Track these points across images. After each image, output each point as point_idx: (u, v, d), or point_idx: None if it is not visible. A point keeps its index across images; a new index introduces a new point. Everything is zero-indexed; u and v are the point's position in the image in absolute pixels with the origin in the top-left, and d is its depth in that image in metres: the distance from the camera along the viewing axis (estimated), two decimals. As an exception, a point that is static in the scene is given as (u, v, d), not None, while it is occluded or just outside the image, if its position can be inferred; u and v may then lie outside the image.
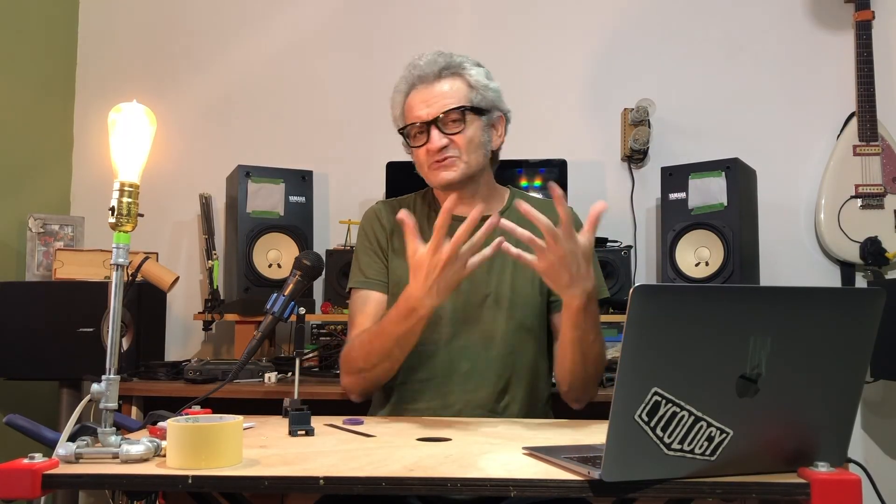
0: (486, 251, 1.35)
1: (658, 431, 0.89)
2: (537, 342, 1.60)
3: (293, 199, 2.54)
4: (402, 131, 1.59)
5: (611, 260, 2.38)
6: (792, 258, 2.64)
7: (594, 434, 1.25)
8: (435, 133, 1.53)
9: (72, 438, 1.03)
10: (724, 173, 2.36)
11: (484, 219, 1.59)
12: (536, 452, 1.05)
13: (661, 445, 0.89)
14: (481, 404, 1.52)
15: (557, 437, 1.23)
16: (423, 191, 1.72)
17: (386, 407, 1.60)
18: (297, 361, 1.40)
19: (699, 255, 2.39)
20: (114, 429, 1.05)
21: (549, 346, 1.64)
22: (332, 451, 1.10)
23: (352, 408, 1.56)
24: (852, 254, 2.52)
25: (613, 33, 2.78)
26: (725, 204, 2.35)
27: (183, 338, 2.76)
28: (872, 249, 2.45)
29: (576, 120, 2.76)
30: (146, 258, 2.20)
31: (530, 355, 1.58)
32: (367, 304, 1.61)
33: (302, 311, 1.42)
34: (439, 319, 1.55)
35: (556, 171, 2.53)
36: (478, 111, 1.56)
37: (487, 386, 1.54)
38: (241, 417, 1.03)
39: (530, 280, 1.58)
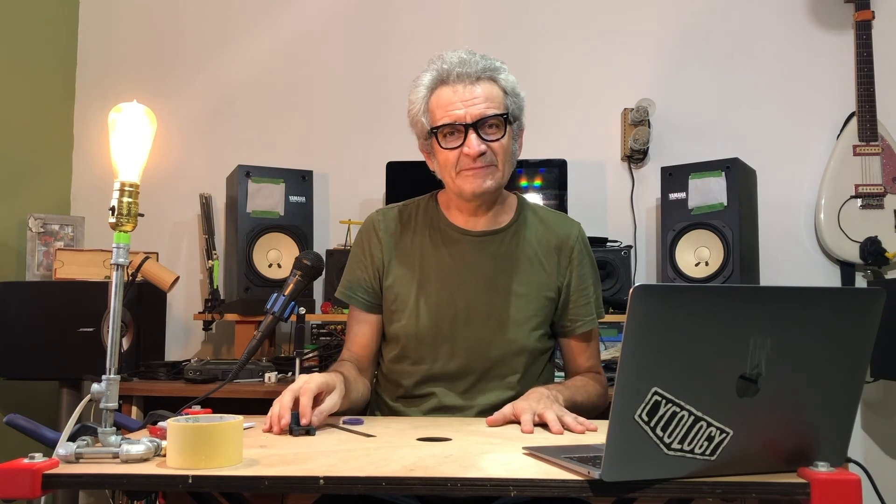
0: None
1: (658, 431, 0.89)
2: (535, 361, 1.57)
3: (293, 199, 2.54)
4: (433, 131, 1.49)
5: (611, 260, 2.39)
6: (792, 258, 2.64)
7: (594, 434, 1.25)
8: (473, 137, 1.45)
9: (72, 438, 1.03)
10: (724, 173, 2.36)
11: (489, 233, 1.57)
12: (536, 452, 1.05)
13: (661, 445, 0.89)
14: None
15: (557, 437, 1.23)
16: (425, 196, 1.65)
17: (385, 413, 1.60)
18: (297, 361, 1.40)
19: (699, 255, 2.39)
20: (114, 429, 1.05)
21: (549, 359, 1.63)
22: (332, 451, 1.10)
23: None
24: (852, 254, 2.52)
25: (613, 33, 2.78)
26: (725, 204, 2.35)
27: (183, 338, 2.76)
28: (872, 249, 2.45)
29: (576, 120, 2.76)
30: (146, 258, 2.21)
31: (529, 374, 1.55)
32: (356, 321, 1.61)
33: (302, 311, 1.42)
34: (437, 339, 1.53)
35: (556, 171, 2.53)
36: (511, 120, 1.50)
37: (487, 404, 1.51)
38: (241, 417, 1.03)
39: (525, 302, 1.55)
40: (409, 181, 1.76)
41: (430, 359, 1.53)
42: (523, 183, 2.54)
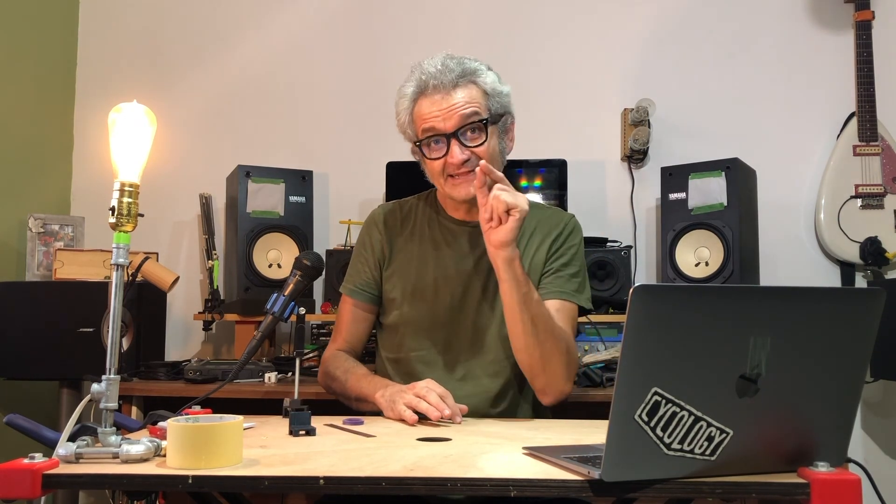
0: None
1: (658, 431, 0.89)
2: None
3: (293, 199, 2.54)
4: (418, 143, 1.53)
5: (611, 260, 2.38)
6: (792, 258, 2.64)
7: (594, 434, 1.25)
8: (455, 147, 1.47)
9: (72, 438, 1.03)
10: (724, 173, 2.36)
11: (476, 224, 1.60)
12: (536, 452, 1.05)
13: (661, 445, 0.89)
14: (478, 409, 1.51)
15: (557, 437, 1.23)
16: (425, 193, 1.70)
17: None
18: (297, 361, 1.40)
19: (699, 255, 2.39)
20: (114, 429, 1.05)
21: None
22: (332, 451, 1.10)
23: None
24: (852, 254, 2.52)
25: (613, 33, 2.78)
26: (725, 204, 2.35)
27: (183, 338, 2.76)
28: (872, 249, 2.45)
29: (576, 120, 2.76)
30: (146, 258, 2.20)
31: None
32: (352, 313, 1.64)
33: (302, 311, 1.42)
34: (433, 326, 1.56)
35: (556, 171, 2.52)
36: (494, 120, 1.52)
37: (483, 391, 1.54)
38: (241, 417, 1.03)
39: None
40: (409, 181, 1.78)
41: (427, 345, 1.56)
42: (524, 183, 2.53)
